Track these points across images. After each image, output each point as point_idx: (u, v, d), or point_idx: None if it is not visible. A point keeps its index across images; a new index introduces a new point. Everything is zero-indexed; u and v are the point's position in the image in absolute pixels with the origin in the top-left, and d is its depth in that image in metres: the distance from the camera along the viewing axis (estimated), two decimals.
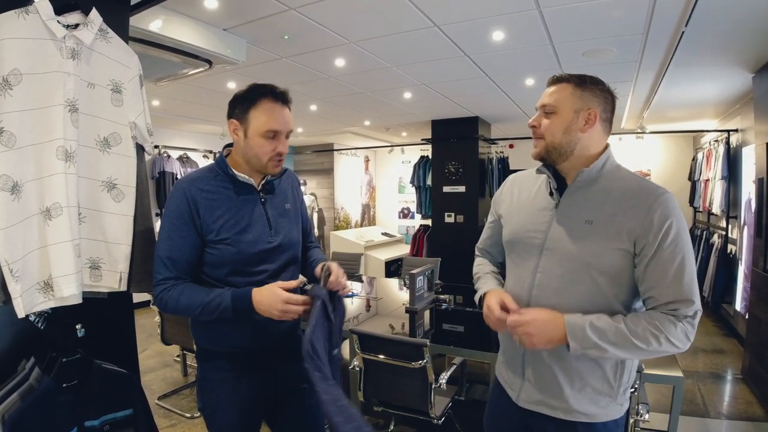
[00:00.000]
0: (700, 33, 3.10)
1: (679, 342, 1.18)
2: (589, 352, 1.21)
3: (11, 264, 1.34)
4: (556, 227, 1.34)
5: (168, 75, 3.81)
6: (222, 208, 1.52)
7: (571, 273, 1.30)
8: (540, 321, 1.25)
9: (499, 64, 4.03)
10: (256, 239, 1.54)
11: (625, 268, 1.25)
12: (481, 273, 1.64)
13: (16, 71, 1.34)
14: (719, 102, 5.30)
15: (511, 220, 1.50)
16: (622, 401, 1.33)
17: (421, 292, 3.61)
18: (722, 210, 5.32)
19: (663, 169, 7.68)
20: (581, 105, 1.30)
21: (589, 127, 1.30)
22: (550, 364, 1.34)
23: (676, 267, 1.19)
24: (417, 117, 6.66)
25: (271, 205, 1.61)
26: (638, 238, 1.22)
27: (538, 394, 1.37)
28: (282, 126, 1.50)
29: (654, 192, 1.24)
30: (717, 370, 4.34)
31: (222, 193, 1.53)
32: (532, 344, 1.26)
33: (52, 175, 1.41)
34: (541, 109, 1.36)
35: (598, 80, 1.33)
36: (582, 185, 1.34)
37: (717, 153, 5.53)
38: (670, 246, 1.19)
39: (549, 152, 1.34)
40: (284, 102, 1.52)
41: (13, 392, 1.43)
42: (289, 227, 1.65)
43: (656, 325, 1.18)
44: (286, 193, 1.69)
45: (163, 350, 4.74)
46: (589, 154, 1.33)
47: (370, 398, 2.68)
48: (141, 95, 1.66)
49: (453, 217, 6.83)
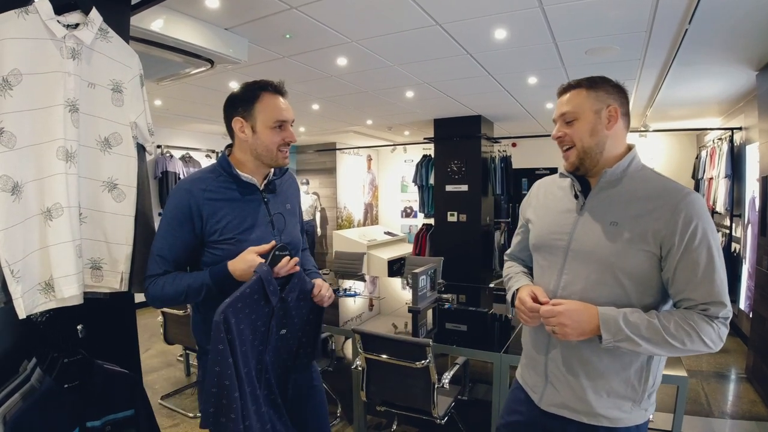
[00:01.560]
0: (704, 31, 3.09)
1: (712, 342, 1.18)
2: (622, 344, 1.20)
3: (12, 265, 1.33)
4: (581, 229, 1.34)
5: (170, 75, 3.81)
6: (226, 209, 1.54)
7: (596, 274, 1.29)
8: (574, 311, 1.25)
9: (502, 62, 4.02)
10: (260, 239, 1.55)
11: (651, 270, 1.25)
12: (512, 273, 1.65)
13: (16, 71, 1.33)
14: (723, 100, 5.28)
15: (538, 223, 1.50)
16: (647, 406, 1.32)
17: (423, 292, 3.60)
18: (726, 208, 5.29)
19: (666, 167, 7.64)
20: (600, 104, 1.30)
21: (614, 123, 1.31)
22: (575, 366, 1.34)
23: (705, 268, 1.18)
24: (419, 116, 6.65)
25: (274, 205, 1.65)
26: (664, 240, 1.21)
27: (561, 398, 1.37)
28: (288, 115, 1.56)
29: (680, 193, 1.23)
30: (721, 369, 4.32)
31: (225, 193, 1.55)
32: (564, 335, 1.26)
33: (53, 175, 1.40)
34: (560, 119, 1.36)
35: (606, 78, 1.34)
36: (606, 186, 1.33)
37: (721, 151, 5.51)
38: (698, 247, 1.19)
39: (582, 160, 1.34)
40: (282, 94, 1.58)
41: (15, 393, 1.43)
42: (291, 227, 1.70)
43: (689, 323, 1.17)
44: (287, 193, 1.73)
45: (166, 350, 4.74)
46: (614, 155, 1.34)
47: (373, 398, 2.67)
48: (142, 95, 1.65)
49: (456, 216, 6.82)
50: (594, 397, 1.30)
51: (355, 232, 8.72)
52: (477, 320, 3.44)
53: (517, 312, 1.42)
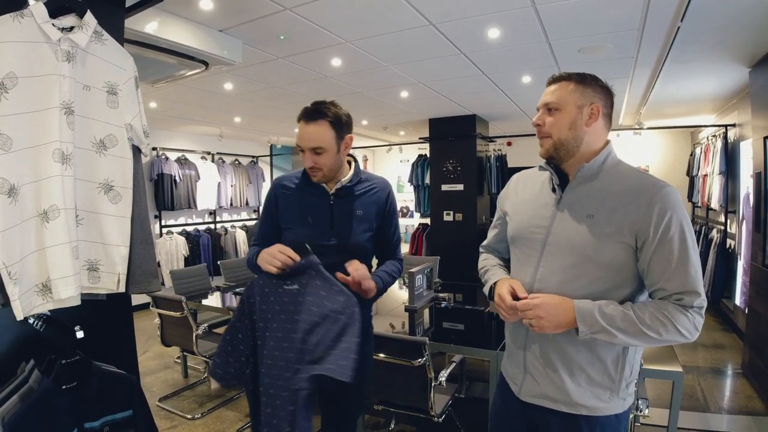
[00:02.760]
0: (696, 28, 3.11)
1: (687, 331, 1.20)
2: (598, 336, 1.23)
3: (9, 267, 1.34)
4: (558, 222, 1.36)
5: (165, 77, 3.82)
6: (292, 202, 1.84)
7: (572, 267, 1.31)
8: (550, 304, 1.28)
9: (496, 61, 4.04)
10: (314, 233, 1.78)
11: (627, 262, 1.27)
12: (488, 266, 1.67)
13: (12, 74, 1.34)
14: (716, 97, 5.31)
15: (515, 216, 1.52)
16: (625, 396, 1.34)
17: (420, 291, 3.61)
18: (721, 205, 5.33)
19: (661, 164, 7.68)
20: (584, 100, 1.33)
21: (593, 121, 1.34)
22: (552, 358, 1.36)
23: (679, 259, 1.21)
24: (414, 116, 6.66)
25: (341, 208, 1.82)
26: (639, 232, 1.24)
27: (540, 388, 1.39)
28: (302, 143, 1.73)
29: (654, 186, 1.25)
30: (717, 365, 4.35)
31: (296, 190, 1.85)
32: (541, 327, 1.29)
33: (49, 177, 1.41)
34: (543, 107, 1.38)
35: (596, 78, 1.37)
36: (583, 180, 1.36)
37: (715, 148, 5.54)
38: (672, 238, 1.21)
39: (557, 149, 1.36)
40: (308, 120, 1.72)
41: (13, 394, 1.43)
42: (353, 231, 1.82)
43: (664, 313, 1.20)
44: (366, 202, 1.87)
45: (163, 352, 4.75)
46: (591, 150, 1.36)
47: (370, 397, 2.68)
48: (136, 97, 1.65)
49: (452, 215, 6.84)
50: (572, 387, 1.33)
51: None
52: (473, 319, 3.45)
53: (497, 308, 1.44)
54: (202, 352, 3.46)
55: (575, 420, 1.34)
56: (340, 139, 1.75)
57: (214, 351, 1.73)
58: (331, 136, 1.72)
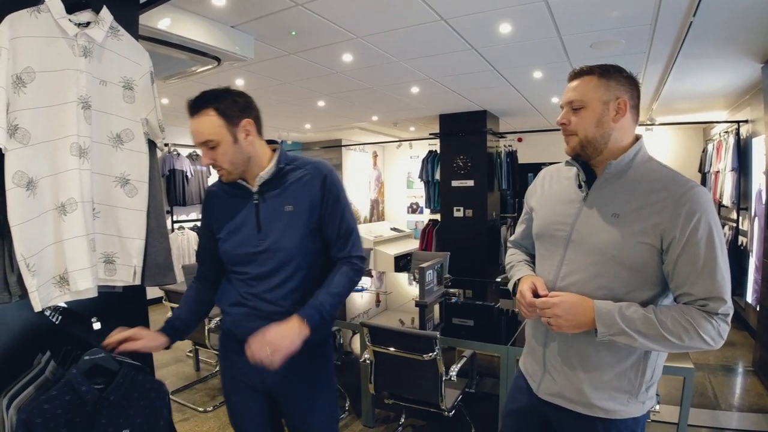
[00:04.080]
0: (708, 23, 3.08)
1: (711, 339, 1.16)
2: (617, 338, 1.20)
3: (27, 258, 1.37)
4: (582, 220, 1.34)
5: (177, 73, 3.84)
6: (222, 208, 1.61)
7: (595, 266, 1.28)
8: (569, 303, 1.26)
9: (507, 57, 4.02)
10: (242, 242, 1.56)
11: (650, 263, 1.23)
12: (514, 261, 1.64)
13: (30, 69, 1.36)
14: (728, 93, 5.25)
15: (541, 212, 1.49)
16: (644, 399, 1.30)
17: (430, 286, 3.62)
18: (733, 202, 5.28)
19: (673, 161, 7.61)
20: (609, 95, 1.27)
21: (621, 116, 1.28)
22: (572, 358, 1.34)
23: (706, 263, 1.16)
24: (425, 111, 6.65)
25: (267, 207, 1.56)
26: (665, 233, 1.19)
27: (558, 387, 1.37)
28: (193, 140, 1.50)
29: (684, 185, 1.21)
30: (728, 362, 4.32)
31: (223, 194, 1.62)
32: (559, 326, 1.27)
33: (67, 171, 1.43)
34: (567, 105, 1.33)
35: (620, 68, 1.30)
36: (610, 178, 1.31)
37: (727, 144, 5.48)
38: (700, 241, 1.16)
39: (584, 147, 1.31)
40: (192, 112, 1.50)
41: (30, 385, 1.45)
42: (284, 231, 1.55)
43: (687, 319, 1.16)
44: (296, 193, 1.57)
45: (175, 346, 4.72)
46: (620, 146, 1.31)
47: (381, 391, 2.70)
48: (152, 92, 1.68)
49: (462, 211, 6.83)
50: (590, 389, 1.30)
51: (361, 228, 8.74)
52: (484, 314, 3.46)
53: (518, 304, 1.42)
54: (213, 346, 3.49)
55: (591, 422, 1.31)
56: (233, 126, 1.47)
57: None
58: (219, 125, 1.45)
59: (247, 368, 1.51)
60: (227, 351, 1.69)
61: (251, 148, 1.52)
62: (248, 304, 1.56)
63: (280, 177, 1.57)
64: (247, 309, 1.56)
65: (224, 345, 1.71)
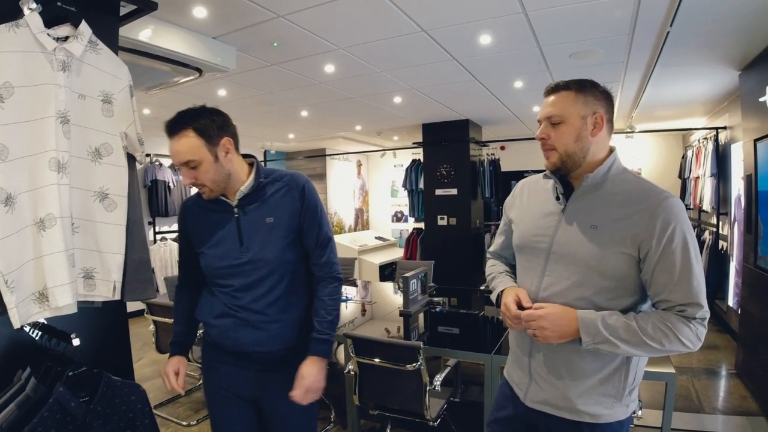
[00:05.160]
0: (685, 32, 3.15)
1: (690, 342, 1.20)
2: (601, 347, 1.23)
3: (6, 275, 1.35)
4: (562, 232, 1.37)
5: (158, 83, 3.82)
6: (200, 223, 1.66)
7: (576, 276, 1.32)
8: (553, 315, 1.29)
9: (488, 67, 4.07)
10: (224, 255, 1.60)
11: (629, 272, 1.27)
12: (495, 273, 1.67)
13: (8, 84, 1.35)
14: (707, 100, 5.37)
15: (521, 224, 1.52)
16: (628, 402, 1.34)
17: (414, 295, 3.62)
18: (713, 207, 5.38)
19: (653, 167, 7.74)
20: (587, 110, 1.31)
21: (598, 130, 1.32)
22: (558, 366, 1.36)
23: (683, 270, 1.20)
24: (408, 121, 6.69)
25: (248, 220, 1.61)
26: (642, 243, 1.23)
27: (545, 395, 1.39)
28: (173, 160, 1.55)
29: (658, 196, 1.25)
30: (711, 365, 4.38)
31: (201, 210, 1.67)
32: (545, 338, 1.30)
33: (45, 186, 1.42)
34: (546, 120, 1.36)
35: (595, 83, 1.35)
36: (587, 190, 1.35)
37: (706, 150, 5.59)
38: (675, 250, 1.21)
39: (564, 162, 1.35)
40: (171, 133, 1.52)
41: (11, 402, 1.43)
42: (266, 242, 1.59)
43: (667, 324, 1.20)
44: (275, 205, 1.63)
45: (159, 359, 4.72)
46: (596, 159, 1.35)
47: (366, 402, 2.69)
48: (131, 105, 1.67)
49: (446, 219, 6.86)
50: (576, 395, 1.33)
51: (346, 237, 8.73)
52: (468, 322, 3.46)
53: (503, 316, 1.44)
54: (196, 359, 3.45)
55: (578, 427, 1.34)
56: (212, 145, 1.51)
57: None
58: (199, 145, 1.49)
59: (234, 377, 1.64)
60: (214, 362, 1.70)
61: (231, 165, 1.57)
62: (236, 315, 1.59)
63: (259, 190, 1.62)
64: (234, 320, 1.60)
65: (210, 356, 1.72)
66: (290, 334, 1.64)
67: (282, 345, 1.63)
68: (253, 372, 1.64)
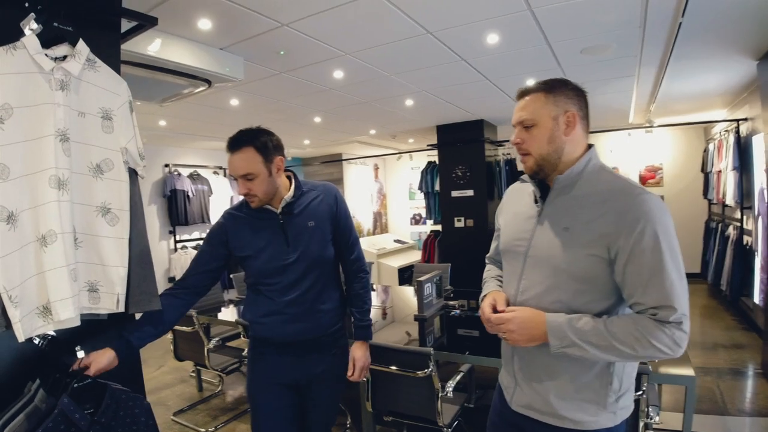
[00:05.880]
0: (698, 23, 3.08)
1: (666, 347, 1.15)
2: (569, 350, 1.21)
3: (9, 291, 1.37)
4: (538, 235, 1.36)
5: (172, 95, 3.88)
6: (243, 231, 1.88)
7: (550, 280, 1.30)
8: (521, 319, 1.29)
9: (498, 66, 4.03)
10: (272, 256, 1.84)
11: (600, 275, 1.24)
12: (487, 278, 1.68)
13: (7, 105, 1.37)
14: (726, 91, 5.23)
15: (505, 229, 1.52)
16: (614, 409, 1.29)
17: (429, 299, 3.60)
18: (736, 201, 5.23)
19: (675, 162, 7.58)
20: (558, 110, 1.30)
21: (571, 129, 1.30)
22: (537, 370, 1.35)
23: (654, 271, 1.16)
24: (421, 123, 6.68)
25: (292, 225, 1.86)
26: (611, 244, 1.20)
27: (528, 399, 1.38)
28: (232, 172, 1.80)
29: (630, 194, 1.21)
30: (736, 365, 4.25)
31: (245, 218, 1.89)
32: (514, 341, 1.31)
33: (46, 203, 1.44)
34: (519, 125, 1.35)
35: (565, 81, 1.33)
36: (560, 192, 1.33)
37: (728, 143, 5.45)
38: (645, 250, 1.16)
39: (540, 165, 1.34)
40: (233, 149, 1.77)
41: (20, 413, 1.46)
42: (309, 243, 1.86)
43: (639, 328, 1.16)
44: (314, 211, 1.90)
45: (179, 366, 4.79)
46: (572, 158, 1.33)
47: (379, 408, 2.68)
48: (131, 121, 1.69)
49: (463, 221, 6.81)
50: (556, 400, 1.31)
51: (364, 241, 8.74)
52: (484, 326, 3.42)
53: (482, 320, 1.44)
54: (214, 366, 3.49)
55: None
56: (269, 162, 1.78)
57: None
58: (258, 161, 1.75)
59: (278, 365, 1.90)
60: (260, 355, 1.95)
61: (280, 180, 1.85)
62: (282, 311, 1.85)
63: (299, 198, 1.89)
64: (281, 316, 1.85)
65: (259, 350, 1.96)
66: (327, 322, 1.93)
67: (321, 332, 1.91)
68: (294, 357, 1.89)
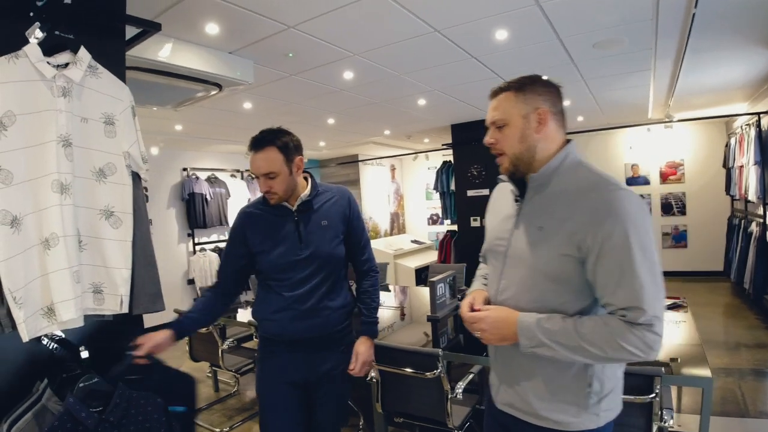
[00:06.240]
0: (712, 13, 3.00)
1: (637, 350, 1.12)
2: (538, 350, 1.21)
3: (14, 292, 1.41)
4: (516, 234, 1.35)
5: (185, 100, 3.93)
6: (259, 227, 1.93)
7: (525, 279, 1.30)
8: (493, 318, 1.30)
9: (509, 62, 3.98)
10: (285, 252, 1.88)
11: (573, 275, 1.22)
12: (476, 276, 1.68)
13: (10, 113, 1.41)
14: (745, 84, 5.09)
15: (489, 229, 1.53)
16: (597, 411, 1.26)
17: (442, 300, 3.57)
18: (758, 197, 5.09)
19: (696, 157, 7.42)
20: (528, 108, 1.28)
21: (543, 126, 1.29)
22: (515, 369, 1.35)
23: (624, 271, 1.13)
24: (435, 123, 6.65)
25: (306, 222, 1.92)
26: (581, 242, 1.18)
27: (509, 398, 1.38)
28: (254, 170, 1.86)
29: (602, 189, 1.19)
30: (759, 365, 4.12)
31: (261, 215, 1.96)
32: (487, 340, 1.32)
33: (48, 207, 1.48)
34: (491, 125, 1.35)
35: (536, 77, 1.32)
36: (537, 189, 1.32)
37: (749, 137, 5.31)
38: (614, 249, 1.13)
39: (515, 165, 1.33)
40: (256, 148, 1.83)
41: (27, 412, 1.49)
42: (321, 241, 1.92)
43: (608, 330, 1.14)
44: (328, 211, 1.97)
45: (196, 367, 4.81)
46: (547, 155, 1.31)
47: (389, 410, 2.67)
48: (134, 125, 1.72)
49: (479, 221, 6.76)
50: (535, 399, 1.30)
51: (381, 242, 8.74)
52: None
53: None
54: (228, 367, 3.53)
55: None
56: (290, 162, 1.84)
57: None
58: (280, 160, 1.81)
59: (288, 364, 1.93)
60: (269, 354, 1.99)
61: (299, 179, 1.92)
62: (293, 308, 1.88)
63: (314, 198, 1.95)
64: (291, 312, 1.88)
65: (268, 348, 1.99)
66: (335, 320, 1.96)
67: (329, 329, 1.94)
68: (303, 354, 1.92)
